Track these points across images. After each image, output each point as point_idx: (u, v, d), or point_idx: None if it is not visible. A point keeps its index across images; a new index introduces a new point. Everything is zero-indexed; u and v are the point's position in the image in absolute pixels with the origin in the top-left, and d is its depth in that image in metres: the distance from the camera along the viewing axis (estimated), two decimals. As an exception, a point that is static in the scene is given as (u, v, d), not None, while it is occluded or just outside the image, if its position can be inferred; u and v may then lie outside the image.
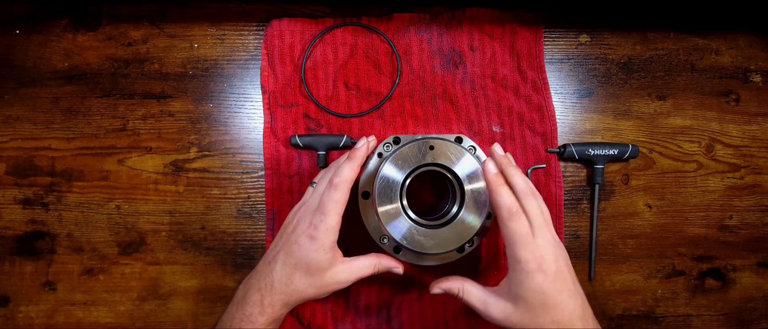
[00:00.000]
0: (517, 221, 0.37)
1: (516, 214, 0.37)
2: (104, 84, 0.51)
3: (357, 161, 0.40)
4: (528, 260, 0.36)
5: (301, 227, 0.39)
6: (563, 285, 0.37)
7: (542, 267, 0.36)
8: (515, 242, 0.37)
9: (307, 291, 0.39)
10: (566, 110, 0.52)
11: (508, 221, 0.37)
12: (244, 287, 0.41)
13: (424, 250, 0.41)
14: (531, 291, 0.36)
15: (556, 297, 0.36)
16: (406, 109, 0.51)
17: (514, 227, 0.37)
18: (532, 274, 0.36)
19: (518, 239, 0.37)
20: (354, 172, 0.39)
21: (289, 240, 0.39)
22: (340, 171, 0.39)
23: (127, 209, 0.50)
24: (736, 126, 0.52)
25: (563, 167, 0.51)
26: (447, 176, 0.43)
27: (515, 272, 0.37)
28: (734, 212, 0.52)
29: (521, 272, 0.36)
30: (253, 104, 0.51)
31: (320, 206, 0.38)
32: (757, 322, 0.53)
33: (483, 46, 0.51)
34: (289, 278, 0.39)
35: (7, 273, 0.50)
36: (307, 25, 0.50)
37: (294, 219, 0.41)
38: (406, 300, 0.50)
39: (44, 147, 0.50)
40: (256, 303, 0.38)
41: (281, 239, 0.41)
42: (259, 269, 0.41)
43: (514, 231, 0.37)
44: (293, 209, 0.43)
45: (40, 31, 0.50)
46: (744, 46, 0.52)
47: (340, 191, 0.38)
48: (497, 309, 0.38)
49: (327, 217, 0.38)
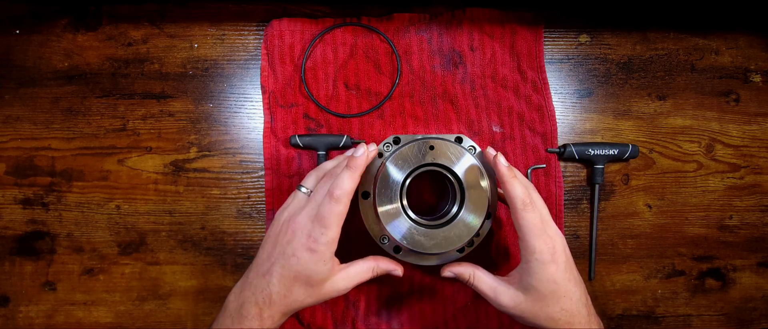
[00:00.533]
0: (532, 211, 0.38)
1: (530, 205, 0.38)
2: (104, 84, 0.51)
3: (358, 171, 0.38)
4: (542, 250, 0.37)
5: (299, 239, 0.37)
6: (571, 274, 0.39)
7: (555, 257, 0.38)
8: (530, 232, 0.38)
9: (307, 300, 0.38)
10: (566, 110, 0.52)
11: (522, 211, 0.38)
12: (237, 299, 0.39)
13: (424, 250, 0.41)
14: (544, 280, 0.37)
15: (566, 286, 0.38)
16: (406, 109, 0.51)
17: (529, 217, 0.38)
18: (546, 264, 0.37)
19: (533, 228, 0.38)
20: (355, 182, 0.38)
21: (285, 252, 0.38)
22: (341, 183, 0.37)
23: (127, 209, 0.50)
24: (736, 126, 0.52)
25: (563, 167, 0.51)
26: (447, 176, 0.43)
27: (529, 262, 0.38)
28: (734, 212, 0.52)
29: (536, 262, 0.38)
30: (253, 104, 0.51)
31: (320, 218, 0.37)
32: (757, 322, 0.53)
33: (483, 46, 0.51)
34: (287, 290, 0.38)
35: (7, 273, 0.50)
36: (307, 25, 0.50)
37: (288, 229, 0.38)
38: (406, 300, 0.50)
39: (44, 147, 0.50)
40: (255, 317, 0.37)
41: (275, 249, 0.39)
42: (253, 282, 0.38)
43: (529, 221, 0.38)
44: (280, 215, 0.40)
45: (40, 31, 0.50)
46: (744, 46, 0.52)
47: (341, 203, 0.37)
48: (507, 296, 0.39)
49: (328, 230, 0.37)
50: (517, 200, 0.38)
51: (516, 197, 0.38)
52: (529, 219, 0.38)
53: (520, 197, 0.38)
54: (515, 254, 0.50)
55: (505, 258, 0.51)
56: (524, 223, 0.38)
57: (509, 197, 0.39)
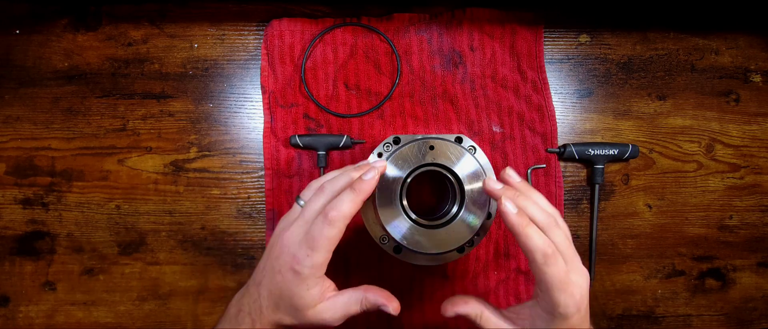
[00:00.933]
0: (555, 264, 0.33)
1: (552, 256, 0.33)
2: (104, 84, 0.51)
3: (361, 196, 0.34)
4: (567, 304, 0.33)
5: (284, 256, 0.34)
6: (587, 314, 0.35)
7: (579, 307, 0.34)
8: (553, 287, 0.33)
9: (293, 321, 0.35)
10: (566, 110, 0.52)
11: (544, 266, 0.33)
12: (236, 305, 0.37)
13: (424, 250, 0.41)
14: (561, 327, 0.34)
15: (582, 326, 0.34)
16: (406, 109, 0.51)
17: (552, 271, 0.33)
18: (570, 318, 0.33)
19: (557, 283, 0.33)
20: (356, 207, 0.34)
21: (273, 268, 0.35)
22: (340, 205, 0.33)
23: (127, 209, 0.50)
24: (736, 126, 0.52)
25: (563, 167, 0.51)
26: (447, 176, 0.43)
27: (552, 315, 0.34)
28: (734, 212, 0.52)
29: (559, 316, 0.33)
30: (253, 104, 0.51)
31: (309, 239, 0.33)
32: (757, 322, 0.53)
33: (483, 46, 0.51)
34: (274, 309, 0.35)
35: (7, 273, 0.50)
36: (307, 25, 0.50)
37: (278, 242, 0.36)
38: (406, 300, 0.50)
39: (44, 147, 0.50)
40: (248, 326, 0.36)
41: (268, 261, 0.36)
42: (250, 290, 0.37)
43: (553, 276, 0.33)
44: (280, 224, 0.38)
45: (40, 31, 0.50)
46: (744, 46, 0.52)
47: (335, 228, 0.33)
48: None
49: (315, 253, 0.33)
50: (537, 253, 0.33)
51: (534, 250, 0.33)
52: (552, 274, 0.33)
53: (541, 250, 0.33)
54: (516, 254, 0.50)
55: (505, 258, 0.51)
56: (546, 278, 0.33)
57: (525, 250, 0.34)
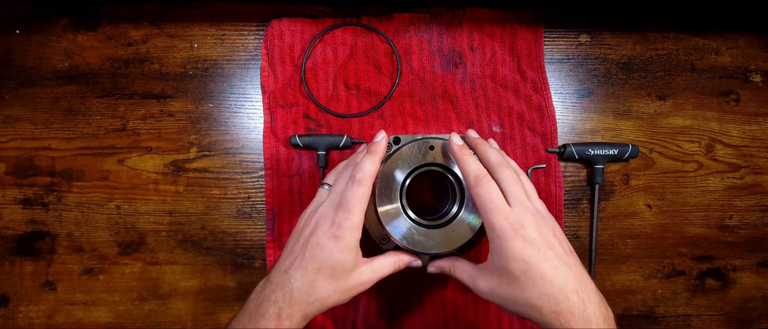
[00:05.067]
0: (485, 186, 0.35)
1: (483, 179, 0.35)
2: (104, 84, 0.51)
3: (378, 155, 0.38)
4: (502, 226, 0.34)
5: (322, 227, 0.36)
6: (550, 252, 0.34)
7: (520, 232, 0.34)
8: (486, 208, 0.35)
9: (331, 297, 0.36)
10: (566, 110, 0.52)
11: (475, 187, 0.35)
12: (257, 297, 0.36)
13: (425, 250, 0.41)
14: (511, 259, 0.34)
15: (540, 266, 0.33)
16: (406, 109, 0.51)
17: (482, 192, 0.35)
18: (510, 240, 0.34)
19: (489, 204, 0.35)
20: (376, 166, 0.37)
21: (308, 244, 0.36)
22: (363, 166, 0.37)
23: (127, 209, 0.50)
24: (736, 126, 0.52)
25: (563, 167, 0.51)
26: (447, 176, 0.43)
27: (492, 242, 0.35)
28: (734, 212, 0.52)
29: (497, 239, 0.34)
30: (253, 104, 0.51)
31: (343, 203, 0.36)
32: (757, 322, 0.53)
33: (483, 46, 0.51)
34: (311, 285, 0.35)
35: (7, 273, 0.50)
36: (307, 25, 0.50)
37: (312, 221, 0.38)
38: (406, 300, 0.50)
39: (44, 147, 0.50)
40: (273, 318, 0.34)
41: (297, 244, 0.38)
42: (274, 279, 0.37)
43: (483, 196, 0.35)
44: (305, 213, 0.40)
45: (40, 31, 0.50)
46: (744, 46, 0.52)
47: (363, 186, 0.36)
48: (484, 282, 0.36)
49: (351, 214, 0.36)
50: (470, 176, 0.36)
51: (468, 173, 0.36)
52: (482, 195, 0.35)
53: (473, 173, 0.36)
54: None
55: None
56: (479, 199, 0.35)
57: (464, 175, 0.37)
